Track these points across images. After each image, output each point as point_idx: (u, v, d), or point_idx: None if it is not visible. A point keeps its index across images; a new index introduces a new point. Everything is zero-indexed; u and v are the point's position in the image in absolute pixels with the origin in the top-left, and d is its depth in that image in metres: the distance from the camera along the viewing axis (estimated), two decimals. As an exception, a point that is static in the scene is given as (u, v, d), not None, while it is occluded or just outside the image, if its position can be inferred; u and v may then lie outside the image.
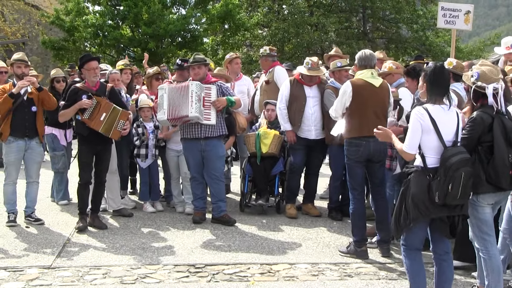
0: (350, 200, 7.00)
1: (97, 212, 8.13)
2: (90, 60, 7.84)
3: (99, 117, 7.64)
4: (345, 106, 6.92)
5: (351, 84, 6.89)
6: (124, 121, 7.88)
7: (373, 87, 6.85)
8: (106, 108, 7.69)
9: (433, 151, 5.01)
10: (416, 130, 5.04)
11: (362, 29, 33.68)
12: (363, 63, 6.96)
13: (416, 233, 5.13)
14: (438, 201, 4.87)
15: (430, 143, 5.02)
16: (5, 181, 8.10)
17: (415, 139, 5.04)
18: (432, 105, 5.09)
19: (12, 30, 26.54)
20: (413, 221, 5.01)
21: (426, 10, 32.46)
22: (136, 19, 24.17)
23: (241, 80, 10.46)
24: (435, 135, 4.99)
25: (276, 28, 29.76)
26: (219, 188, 8.28)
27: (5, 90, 7.95)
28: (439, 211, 4.96)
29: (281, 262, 6.64)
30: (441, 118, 5.03)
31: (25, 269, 6.30)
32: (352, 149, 6.88)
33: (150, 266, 6.44)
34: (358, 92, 6.81)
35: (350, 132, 6.91)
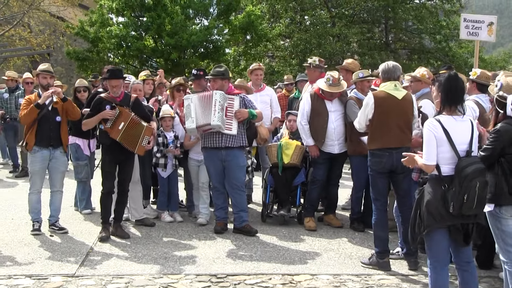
0: (373, 211, 6.97)
1: (119, 221, 8.18)
2: (112, 78, 7.89)
3: (117, 126, 7.72)
4: (367, 118, 6.92)
5: (373, 96, 6.89)
6: (148, 136, 7.95)
7: (395, 100, 6.83)
8: (125, 118, 7.76)
9: (447, 161, 5.01)
10: (431, 141, 5.04)
11: (384, 40, 33.54)
12: (386, 76, 6.96)
13: (438, 243, 5.10)
14: (453, 211, 4.87)
15: (444, 153, 5.02)
16: (30, 190, 8.20)
17: (432, 150, 5.04)
18: (444, 116, 5.09)
19: (37, 41, 26.86)
20: (427, 228, 5.02)
21: (449, 21, 32.27)
22: (159, 30, 24.31)
23: (264, 90, 10.47)
24: (448, 146, 5.00)
25: (298, 39, 29.72)
26: (241, 198, 8.30)
27: (30, 100, 8.08)
28: (453, 219, 4.96)
29: (303, 273, 6.63)
30: (454, 128, 5.03)
31: (50, 277, 6.37)
32: (375, 160, 6.86)
33: (172, 275, 6.47)
34: (380, 104, 6.81)
35: (373, 143, 6.91)
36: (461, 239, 5.08)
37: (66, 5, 27.57)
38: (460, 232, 5.06)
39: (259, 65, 10.76)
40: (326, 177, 8.73)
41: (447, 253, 5.16)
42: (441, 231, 5.06)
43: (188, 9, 25.26)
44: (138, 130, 7.82)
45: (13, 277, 6.34)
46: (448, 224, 5.01)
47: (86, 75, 22.90)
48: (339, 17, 31.86)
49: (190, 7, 25.19)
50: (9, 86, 13.62)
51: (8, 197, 10.54)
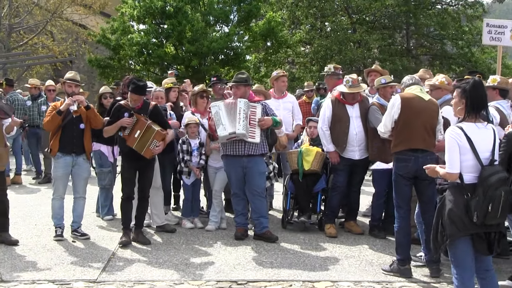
0: (395, 218, 6.91)
1: (141, 227, 8.22)
2: (135, 93, 7.88)
3: (134, 134, 7.78)
4: (393, 119, 6.88)
5: (400, 97, 6.87)
6: (157, 141, 7.93)
7: (422, 101, 6.81)
8: (141, 126, 7.81)
9: (470, 169, 4.96)
10: (454, 148, 4.98)
11: (405, 46, 33.44)
12: (410, 83, 6.96)
13: (462, 252, 5.04)
14: (476, 220, 4.82)
15: (466, 162, 4.96)
16: (53, 195, 8.30)
17: (455, 157, 4.97)
18: (467, 123, 5.05)
19: (60, 49, 27.15)
20: (450, 237, 4.98)
21: (472, 26, 32.07)
22: (179, 37, 24.46)
23: (286, 97, 10.48)
24: (471, 154, 4.94)
25: (318, 45, 29.76)
26: (261, 204, 8.31)
27: (55, 107, 8.19)
28: (476, 228, 4.90)
29: (323, 280, 6.61)
30: (476, 136, 4.98)
31: (72, 282, 6.42)
32: (400, 165, 6.80)
33: (193, 281, 6.49)
34: (407, 104, 6.77)
35: (398, 145, 6.84)
36: (485, 248, 5.01)
37: (88, 13, 27.85)
38: (483, 241, 4.99)
39: (283, 72, 10.76)
40: (347, 184, 8.70)
41: (473, 262, 5.08)
42: (465, 239, 5.00)
43: (209, 16, 25.42)
44: (149, 134, 7.86)
45: (36, 282, 6.40)
46: (471, 233, 4.95)
47: (107, 83, 23.07)
48: (360, 23, 31.86)
49: (211, 14, 25.34)
50: (32, 93, 13.77)
51: (31, 203, 10.64)
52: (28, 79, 17.02)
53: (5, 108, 7.97)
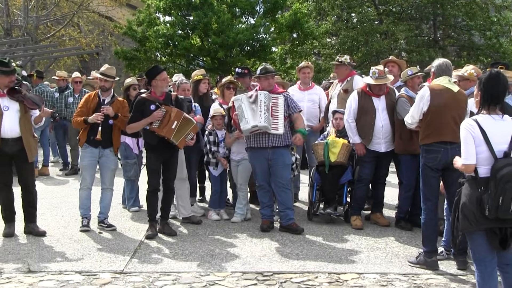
0: (423, 210, 6.86)
1: (166, 219, 8.25)
2: (162, 71, 7.99)
3: (170, 125, 7.77)
4: (422, 111, 6.82)
5: (429, 88, 6.79)
6: (193, 134, 8.04)
7: (451, 92, 6.74)
8: (178, 117, 7.81)
9: (484, 162, 4.88)
10: (468, 140, 4.92)
11: (432, 37, 33.08)
12: (440, 72, 6.86)
13: (479, 246, 4.98)
14: (488, 214, 4.74)
15: (481, 154, 4.88)
16: (80, 186, 8.39)
17: (470, 149, 4.91)
18: (482, 115, 4.98)
19: (86, 41, 27.36)
20: (462, 231, 4.95)
21: (500, 17, 31.61)
22: (205, 29, 24.44)
23: (312, 89, 10.41)
24: (485, 146, 4.86)
25: (345, 37, 29.54)
26: (286, 196, 8.29)
27: (89, 98, 8.29)
28: (490, 223, 4.82)
29: (349, 272, 6.58)
30: (492, 128, 4.90)
31: (98, 273, 6.47)
32: (430, 156, 6.75)
33: (219, 273, 6.50)
34: (436, 96, 6.71)
35: (427, 138, 6.80)
36: (497, 244, 4.92)
37: (114, 5, 28.01)
38: (496, 236, 4.89)
39: (307, 64, 10.71)
40: (373, 176, 8.65)
41: (492, 257, 5.00)
42: (480, 234, 4.93)
43: (235, 8, 25.35)
44: (187, 126, 7.89)
45: (63, 273, 6.46)
46: (484, 227, 4.88)
47: (133, 75, 23.19)
48: (386, 14, 31.57)
49: (237, 6, 25.27)
50: (59, 85, 13.90)
51: (58, 194, 10.75)
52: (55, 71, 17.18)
53: (35, 99, 8.06)
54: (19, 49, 21.81)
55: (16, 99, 7.78)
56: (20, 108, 7.81)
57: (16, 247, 7.44)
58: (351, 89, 9.39)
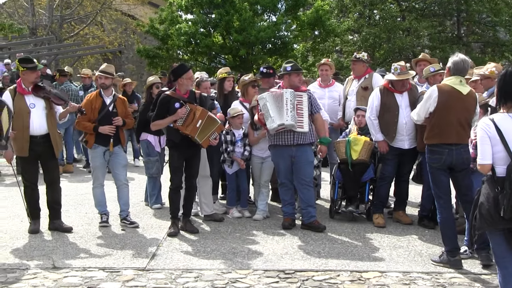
0: (437, 210, 6.85)
1: (188, 216, 8.29)
2: (189, 69, 8.04)
3: (195, 124, 7.79)
4: (428, 110, 6.80)
5: (438, 89, 6.75)
6: (218, 133, 8.11)
7: (460, 94, 6.68)
8: (202, 115, 7.84)
9: (501, 161, 4.81)
10: (484, 139, 4.86)
11: (456, 33, 32.81)
12: (455, 69, 6.77)
13: (498, 246, 4.93)
14: (504, 215, 4.67)
15: (497, 153, 4.82)
16: (93, 184, 8.49)
17: (486, 148, 4.85)
18: (499, 114, 4.91)
19: (110, 39, 27.57)
20: (478, 230, 4.90)
21: (526, 12, 31.24)
22: (227, 26, 24.50)
23: (333, 86, 10.38)
24: (501, 146, 4.78)
25: (367, 34, 29.41)
26: (309, 193, 8.28)
27: (92, 99, 8.34)
28: (506, 223, 4.75)
29: (372, 270, 6.56)
30: (508, 127, 4.81)
31: (121, 270, 6.52)
32: (434, 157, 6.75)
33: (241, 270, 6.51)
34: (444, 97, 6.67)
35: (432, 138, 6.79)
36: None
37: (136, 4, 28.15)
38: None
39: (326, 61, 10.69)
40: (396, 173, 8.62)
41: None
42: (498, 234, 4.88)
43: (256, 5, 25.37)
44: (211, 126, 7.92)
45: (87, 270, 6.52)
46: (500, 227, 4.82)
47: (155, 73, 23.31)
48: (409, 11, 31.39)
49: (258, 3, 25.28)
50: (85, 83, 14.03)
51: (82, 192, 10.83)
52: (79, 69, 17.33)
53: (60, 94, 8.18)
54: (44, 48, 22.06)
55: (41, 96, 7.88)
56: (46, 104, 7.92)
57: (41, 244, 7.53)
58: (371, 86, 9.37)
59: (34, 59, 8.30)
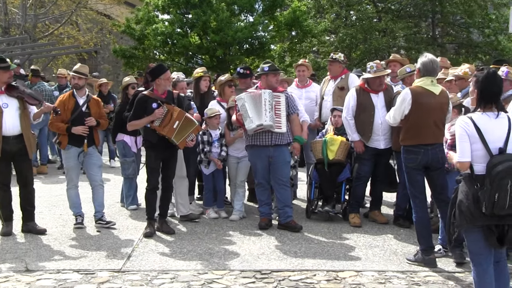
0: (413, 209, 6.91)
1: (165, 217, 8.25)
2: (167, 70, 8.01)
3: (172, 125, 7.75)
4: (403, 113, 6.83)
5: (410, 91, 6.78)
6: (195, 135, 8.09)
7: (432, 95, 6.73)
8: (179, 116, 7.80)
9: (480, 159, 4.89)
10: (463, 137, 4.93)
11: (431, 34, 33.08)
12: (425, 70, 6.80)
13: (475, 243, 4.99)
14: (485, 211, 4.75)
15: (476, 152, 4.90)
16: (67, 186, 8.41)
17: (465, 146, 4.92)
18: (478, 113, 5.00)
19: (85, 39, 27.34)
20: (458, 228, 4.97)
21: (498, 14, 31.59)
22: (204, 27, 24.43)
23: (310, 87, 10.40)
24: (480, 144, 4.87)
25: (343, 34, 29.53)
26: (286, 194, 8.29)
27: (65, 100, 8.25)
28: (486, 220, 4.83)
29: (348, 269, 6.58)
30: (487, 126, 4.91)
31: (97, 272, 6.47)
32: (410, 157, 6.78)
33: (217, 271, 6.50)
34: (418, 100, 6.70)
35: (408, 140, 6.82)
36: (494, 241, 4.92)
37: (112, 3, 27.97)
38: (493, 233, 4.90)
39: (303, 62, 10.71)
40: (372, 173, 8.65)
41: (488, 253, 5.00)
42: (476, 231, 4.94)
43: (233, 6, 25.32)
44: (189, 127, 7.88)
45: (61, 272, 6.46)
46: (480, 224, 4.88)
47: (132, 73, 23.19)
48: (385, 12, 31.58)
49: (235, 4, 25.24)
50: (61, 83, 13.90)
51: (56, 193, 10.74)
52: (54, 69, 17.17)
53: (34, 94, 8.10)
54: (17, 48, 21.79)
55: (15, 96, 7.78)
56: (19, 105, 7.82)
57: (13, 246, 7.44)
58: (347, 87, 9.41)
59: (7, 59, 8.19)
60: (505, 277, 5.17)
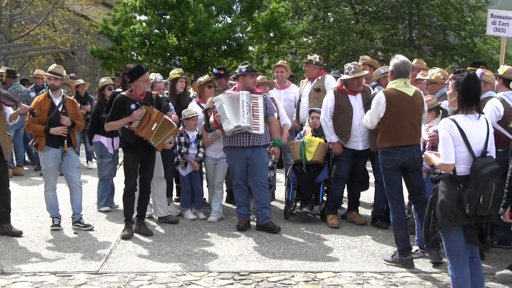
0: (390, 210, 6.94)
1: (143, 218, 8.21)
2: (145, 72, 7.96)
3: (150, 126, 7.72)
4: (379, 116, 6.87)
5: (385, 94, 6.82)
6: (173, 137, 8.08)
7: (407, 97, 6.76)
8: (158, 118, 7.77)
9: (463, 161, 5.00)
10: (448, 140, 5.02)
11: (408, 36, 33.36)
12: (397, 73, 6.83)
13: (454, 241, 5.08)
14: (468, 212, 4.87)
15: (459, 153, 4.99)
16: (45, 187, 8.32)
17: (450, 148, 5.01)
18: (460, 116, 5.09)
19: (62, 40, 27.09)
20: (441, 227, 5.04)
21: (474, 17, 31.96)
22: (182, 28, 24.37)
23: (289, 88, 10.43)
24: (464, 146, 4.98)
25: (321, 36, 29.67)
26: (264, 195, 8.29)
27: (40, 101, 8.18)
28: (468, 219, 4.95)
29: (326, 270, 6.60)
30: (469, 128, 5.02)
31: (74, 274, 6.42)
32: (387, 158, 6.81)
33: (195, 273, 6.48)
34: (392, 102, 6.74)
35: (385, 142, 6.84)
36: (477, 239, 5.06)
37: (89, 4, 27.75)
38: (475, 231, 5.04)
39: (281, 63, 10.74)
40: (350, 175, 8.68)
41: (465, 251, 5.12)
42: (457, 230, 5.04)
43: (211, 7, 25.33)
44: (167, 130, 7.86)
45: (38, 274, 6.40)
46: (462, 223, 5.00)
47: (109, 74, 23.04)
48: (362, 14, 31.78)
49: (213, 5, 25.24)
50: (37, 84, 13.77)
51: (33, 195, 10.64)
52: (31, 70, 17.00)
53: (10, 95, 7.99)
54: (-8, 48, 21.51)
55: None
56: None
57: (-11, 248, 7.36)
58: (323, 88, 9.45)
59: None
60: (480, 273, 5.30)
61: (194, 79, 12.26)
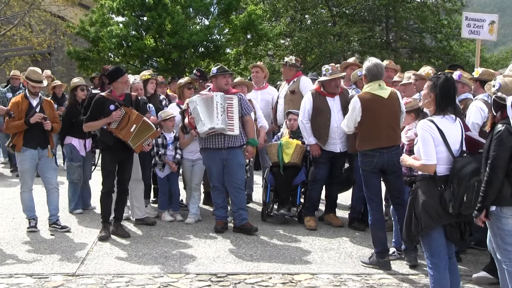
0: (369, 212, 6.97)
1: (120, 220, 8.18)
2: (124, 73, 7.95)
3: (129, 128, 7.70)
4: (356, 121, 6.93)
5: (359, 99, 6.87)
6: (152, 139, 8.07)
7: (382, 100, 6.83)
8: (137, 120, 7.75)
9: (442, 161, 5.09)
10: (428, 140, 5.10)
11: (385, 39, 33.60)
12: (370, 76, 6.90)
13: (436, 241, 5.15)
14: (452, 211, 4.95)
15: (439, 154, 5.08)
16: (21, 189, 8.27)
17: (431, 149, 5.09)
18: (437, 117, 5.17)
19: (38, 41, 26.87)
20: (425, 228, 5.09)
21: (450, 20, 32.29)
22: (159, 29, 24.34)
23: (266, 89, 10.42)
24: (444, 146, 5.08)
25: (298, 38, 29.80)
26: (241, 196, 8.31)
27: (17, 102, 8.11)
28: (450, 218, 5.04)
29: (303, 272, 6.63)
30: (448, 129, 5.12)
31: (50, 276, 6.38)
32: (366, 160, 6.86)
33: (173, 274, 6.48)
34: (367, 106, 6.80)
35: (364, 144, 6.89)
36: (457, 236, 5.16)
37: (66, 5, 27.57)
38: (456, 229, 5.13)
39: (257, 64, 10.77)
40: (327, 176, 8.72)
41: (445, 251, 5.20)
42: (438, 229, 5.12)
43: (189, 9, 25.31)
44: (146, 132, 7.84)
45: (14, 276, 6.36)
46: (445, 222, 5.08)
47: (86, 75, 22.92)
48: (340, 16, 31.97)
49: (191, 7, 25.24)
50: (14, 85, 13.66)
51: (9, 196, 10.56)
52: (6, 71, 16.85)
53: None
54: (-32, 49, 21.28)
55: None
56: None
57: (-36, 251, 7.30)
58: (298, 90, 9.47)
59: None
60: (456, 274, 5.37)
61: (171, 81, 12.25)
